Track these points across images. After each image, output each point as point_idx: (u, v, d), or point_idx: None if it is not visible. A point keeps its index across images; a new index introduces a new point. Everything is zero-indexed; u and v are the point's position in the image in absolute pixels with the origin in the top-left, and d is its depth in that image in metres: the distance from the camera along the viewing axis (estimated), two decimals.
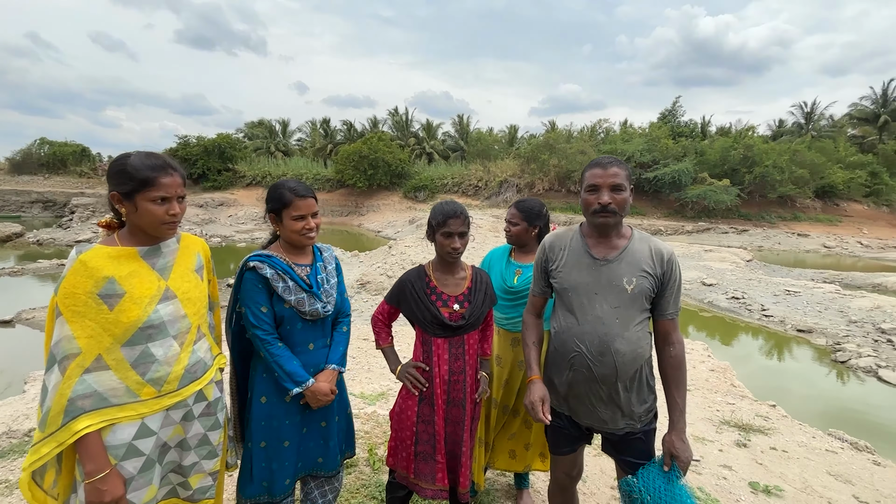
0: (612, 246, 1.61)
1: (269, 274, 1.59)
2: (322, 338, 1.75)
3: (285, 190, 1.64)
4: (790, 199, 25.79)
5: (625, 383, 1.55)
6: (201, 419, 1.44)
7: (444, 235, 1.79)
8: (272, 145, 38.56)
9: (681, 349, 1.59)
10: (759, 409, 4.09)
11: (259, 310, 1.59)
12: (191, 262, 1.44)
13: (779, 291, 11.45)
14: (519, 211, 2.21)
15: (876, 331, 8.58)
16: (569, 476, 1.80)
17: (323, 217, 22.83)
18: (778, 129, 36.49)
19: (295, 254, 1.71)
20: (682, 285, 1.72)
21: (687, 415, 1.58)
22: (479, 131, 34.46)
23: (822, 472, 3.06)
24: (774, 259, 18.47)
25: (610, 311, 1.54)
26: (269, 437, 1.64)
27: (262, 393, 1.64)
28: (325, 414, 1.75)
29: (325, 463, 1.79)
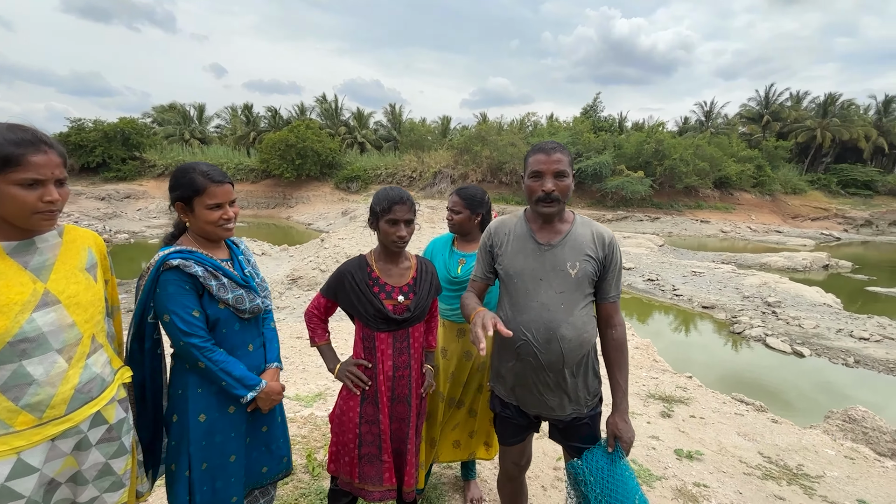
0: (555, 231, 1.60)
1: (199, 272, 1.39)
2: (258, 337, 1.62)
3: (197, 175, 1.42)
4: (694, 190, 28.59)
5: (571, 369, 1.55)
6: (101, 446, 1.21)
7: (389, 223, 1.68)
8: (187, 132, 35.34)
9: (623, 331, 1.62)
10: (678, 381, 4.46)
11: (190, 315, 1.38)
12: (78, 260, 1.20)
13: (687, 273, 12.66)
14: (461, 198, 2.15)
15: (764, 304, 9.81)
16: (517, 465, 1.79)
17: (248, 209, 21.18)
18: (683, 126, 40.24)
19: (209, 248, 1.52)
20: None
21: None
22: (412, 121, 34.18)
23: (732, 433, 3.40)
24: (682, 244, 20.40)
25: (555, 297, 1.53)
26: (210, 456, 1.46)
27: (200, 410, 1.44)
28: (265, 418, 1.62)
29: (269, 472, 1.67)
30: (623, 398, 1.57)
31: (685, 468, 2.84)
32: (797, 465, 3.00)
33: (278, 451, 1.68)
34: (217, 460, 1.47)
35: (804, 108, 37.64)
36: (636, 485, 1.53)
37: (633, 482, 1.53)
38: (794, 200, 31.06)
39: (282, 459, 1.70)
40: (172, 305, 1.36)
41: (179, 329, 1.36)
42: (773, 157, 32.08)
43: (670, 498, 2.50)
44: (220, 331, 1.47)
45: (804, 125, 35.52)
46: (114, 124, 27.43)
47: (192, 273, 1.38)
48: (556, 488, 2.52)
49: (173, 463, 1.46)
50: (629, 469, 1.55)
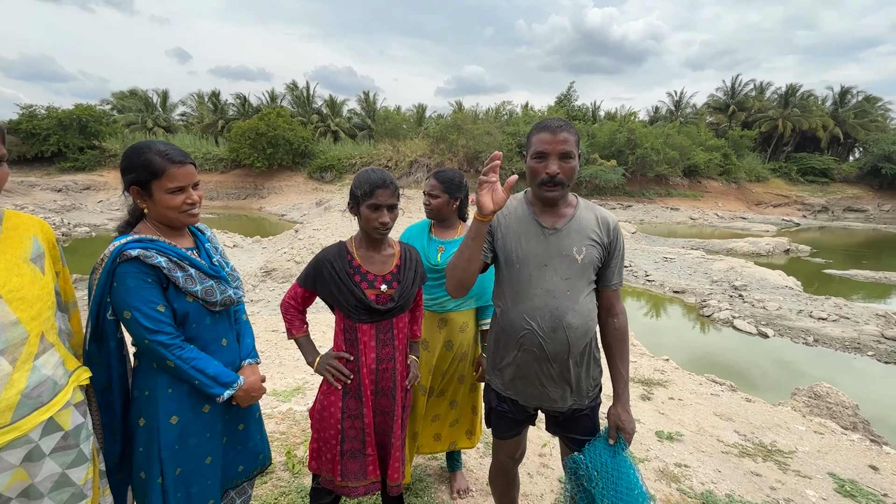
0: (559, 214, 1.51)
1: (162, 262, 1.25)
2: (231, 331, 1.51)
3: (154, 155, 1.27)
4: (664, 178, 29.33)
5: (576, 359, 1.48)
6: (55, 455, 1.09)
7: (370, 208, 1.57)
8: (150, 119, 33.70)
9: (624, 320, 1.57)
10: (656, 364, 4.56)
11: (155, 310, 1.25)
12: (21, 250, 1.08)
13: (658, 259, 13.00)
14: (439, 182, 2.05)
15: (731, 288, 10.18)
16: (512, 459, 1.74)
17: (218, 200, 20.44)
18: (654, 115, 41.10)
19: (172, 236, 1.38)
20: None
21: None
22: (386, 109, 33.59)
23: (710, 413, 3.49)
24: (653, 231, 20.93)
25: (560, 283, 1.45)
26: (185, 460, 1.35)
27: (171, 412, 1.32)
28: (242, 416, 1.53)
29: (245, 470, 1.59)
30: (625, 388, 1.53)
31: (666, 449, 2.89)
32: (771, 441, 3.11)
33: (255, 449, 1.60)
34: (192, 464, 1.37)
35: (767, 98, 38.98)
36: (637, 477, 1.48)
37: (635, 474, 1.47)
38: (758, 188, 32.30)
39: (258, 456, 1.62)
40: (133, 301, 1.22)
41: (143, 326, 1.23)
42: (738, 146, 33.20)
43: (653, 479, 2.54)
44: (191, 326, 1.35)
45: (767, 115, 36.82)
46: (69, 111, 25.82)
47: (154, 264, 1.24)
48: (542, 475, 2.52)
49: (143, 470, 1.33)
50: (630, 463, 1.49)
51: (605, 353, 1.58)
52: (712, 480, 2.57)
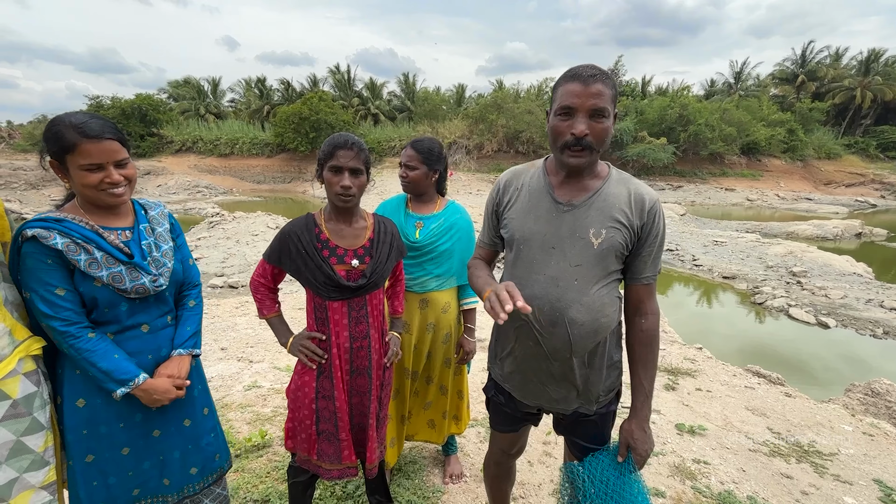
0: (581, 187, 1.26)
1: (60, 244, 1.15)
2: (160, 317, 1.37)
3: (67, 128, 1.15)
4: (719, 156, 27.31)
5: (582, 359, 1.27)
6: (6, 423, 1.10)
7: (332, 171, 1.47)
8: (202, 107, 35.29)
9: (654, 322, 1.30)
10: (687, 353, 4.26)
11: (52, 294, 1.16)
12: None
13: (708, 242, 12.20)
14: (417, 152, 1.91)
15: (788, 274, 9.38)
16: (506, 454, 1.62)
17: (265, 184, 21.24)
18: (710, 89, 38.16)
19: (103, 215, 1.28)
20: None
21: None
22: (425, 90, 33.35)
23: (741, 407, 3.21)
24: (705, 213, 19.65)
25: (568, 271, 1.23)
26: (96, 448, 1.27)
27: (77, 394, 1.24)
28: (184, 410, 1.41)
29: (200, 472, 1.46)
30: (645, 403, 1.29)
31: (685, 444, 2.69)
32: (809, 441, 2.81)
33: (208, 448, 1.48)
34: (106, 453, 1.29)
35: (844, 66, 35.09)
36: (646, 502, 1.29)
37: (643, 500, 1.29)
38: (828, 166, 29.39)
39: (214, 457, 1.50)
40: (31, 282, 1.16)
41: (40, 310, 1.17)
42: (806, 120, 30.24)
43: (666, 475, 2.36)
44: (103, 311, 1.25)
45: (843, 85, 33.20)
46: (131, 101, 27.60)
47: (51, 245, 1.15)
48: (543, 464, 2.41)
49: (63, 449, 1.30)
50: (640, 486, 1.30)
51: (628, 359, 1.34)
52: (734, 480, 2.36)
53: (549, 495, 2.19)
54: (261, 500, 2.00)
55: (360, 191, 1.52)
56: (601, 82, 1.13)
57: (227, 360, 3.70)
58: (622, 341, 1.37)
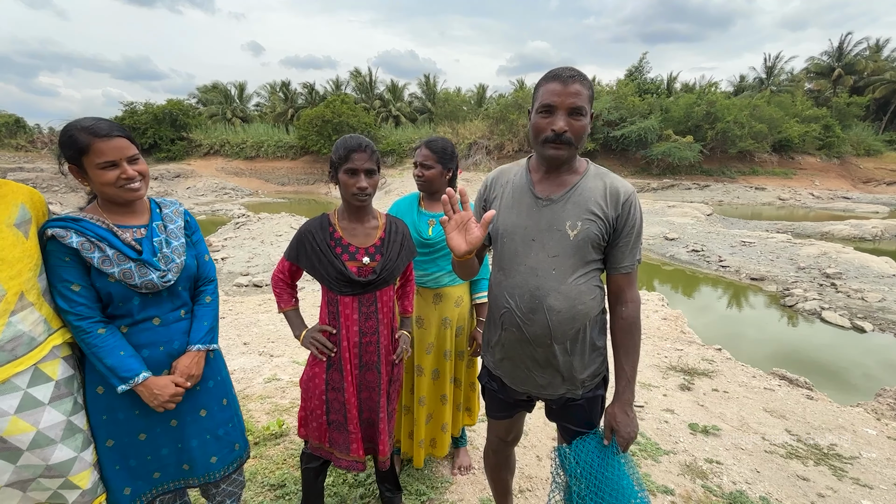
0: (559, 183, 1.34)
1: (75, 243, 1.24)
2: (172, 311, 1.43)
3: (78, 131, 1.25)
4: (749, 154, 26.42)
5: (563, 345, 1.33)
6: (56, 404, 1.20)
7: (347, 173, 1.56)
8: (229, 111, 36.43)
9: (634, 310, 1.36)
10: (705, 354, 4.19)
11: (68, 289, 1.26)
12: (6, 216, 1.16)
13: (735, 243, 11.84)
14: (433, 151, 1.96)
15: (822, 276, 9.02)
16: (503, 441, 1.68)
17: (289, 186, 21.68)
18: (739, 85, 36.99)
19: (121, 214, 1.36)
20: (646, 240, 1.46)
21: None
22: (446, 91, 33.45)
23: (758, 409, 3.15)
24: (733, 212, 19.07)
25: (546, 261, 1.31)
26: (116, 433, 1.36)
27: (97, 382, 1.33)
28: (200, 400, 1.47)
29: (219, 462, 1.52)
30: (627, 387, 1.35)
31: (698, 443, 2.66)
32: (829, 444, 2.74)
33: (227, 437, 1.54)
34: (124, 438, 1.37)
35: (885, 58, 33.40)
36: (633, 487, 1.33)
37: (629, 483, 1.33)
38: (867, 163, 28.03)
39: (233, 446, 1.56)
40: (52, 278, 1.26)
41: (58, 304, 1.26)
42: (844, 116, 28.95)
43: (676, 473, 2.35)
44: (117, 305, 1.33)
45: (883, 78, 31.61)
46: (162, 106, 28.73)
47: (68, 244, 1.24)
48: (552, 459, 2.43)
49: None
50: (624, 468, 1.35)
51: (612, 346, 1.41)
52: (747, 481, 2.33)
53: None
54: (277, 484, 2.10)
55: (374, 190, 1.61)
56: (579, 83, 1.23)
57: (248, 354, 3.85)
58: (606, 328, 1.43)
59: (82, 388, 1.32)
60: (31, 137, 29.01)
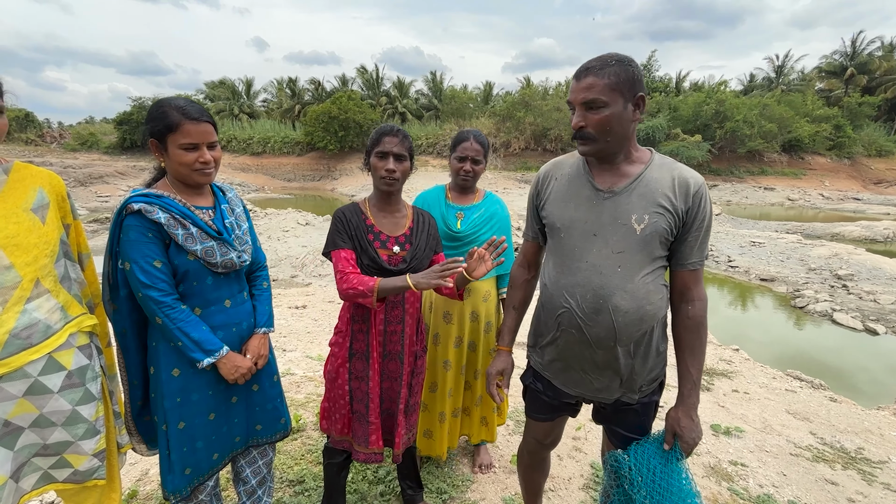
0: (621, 174, 1.26)
1: (162, 218, 1.26)
2: (239, 292, 1.49)
3: (171, 109, 1.28)
4: (758, 154, 26.21)
5: (628, 348, 1.25)
6: (64, 393, 1.17)
7: (378, 157, 1.55)
8: (236, 107, 36.48)
9: (701, 308, 1.27)
10: (722, 354, 4.13)
11: (151, 265, 1.26)
12: (22, 200, 1.13)
13: (744, 243, 11.73)
14: (482, 145, 1.93)
15: (833, 277, 8.91)
16: (541, 444, 1.61)
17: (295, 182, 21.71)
18: (749, 84, 36.69)
19: (190, 194, 1.39)
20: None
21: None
22: (452, 89, 33.37)
23: (781, 411, 3.09)
24: (741, 213, 18.91)
25: (611, 258, 1.22)
26: (188, 414, 1.38)
27: (173, 365, 1.35)
28: (255, 376, 1.53)
29: (263, 430, 1.59)
30: (693, 390, 1.27)
31: (721, 445, 2.61)
32: (856, 448, 2.68)
33: (275, 412, 1.61)
34: (196, 419, 1.39)
35: None
36: (693, 493, 1.28)
37: (690, 490, 1.27)
38: (879, 164, 27.73)
39: (279, 420, 1.63)
40: (132, 253, 1.26)
41: (139, 279, 1.26)
42: (855, 116, 28.64)
43: (700, 475, 2.30)
44: (191, 284, 1.35)
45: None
46: None
47: (154, 219, 1.26)
48: (573, 458, 2.39)
49: (155, 414, 1.42)
50: (687, 474, 1.29)
51: (675, 346, 1.32)
52: (773, 484, 2.28)
53: (579, 489, 2.17)
54: (296, 480, 2.06)
55: (403, 176, 1.58)
56: (593, 75, 1.17)
57: None
58: (668, 331, 1.35)
59: (102, 376, 1.30)
60: (41, 132, 29.17)
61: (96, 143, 28.03)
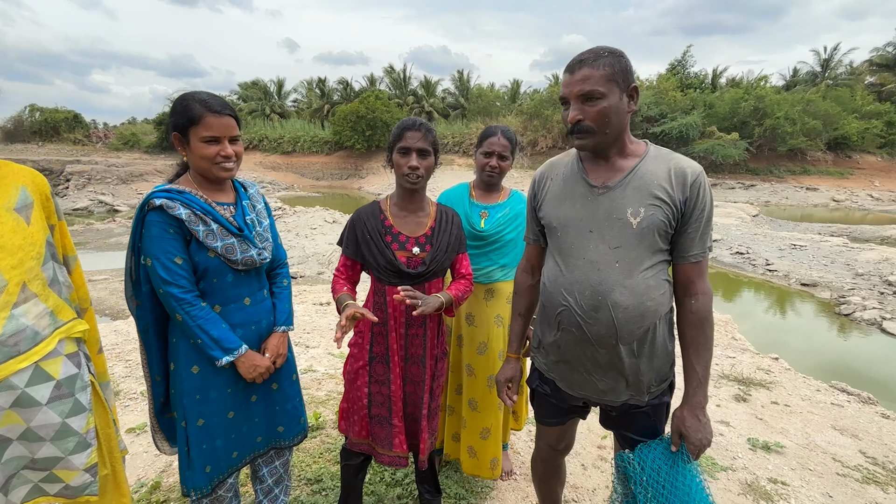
0: (615, 168, 1.24)
1: (183, 214, 1.25)
2: (259, 290, 1.47)
3: (194, 102, 1.27)
4: (800, 152, 24.95)
5: (630, 346, 1.22)
6: (54, 405, 1.09)
7: (400, 152, 1.50)
8: (267, 107, 37.39)
9: (705, 303, 1.23)
10: (760, 363, 3.90)
11: (172, 261, 1.26)
12: (5, 199, 1.06)
13: (784, 246, 11.16)
14: (510, 141, 1.86)
15: (882, 283, 8.35)
16: (554, 449, 1.55)
17: (324, 181, 22.25)
18: (791, 79, 34.86)
19: (211, 189, 1.37)
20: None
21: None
22: (479, 87, 33.19)
23: (826, 426, 2.88)
24: (781, 214, 18.03)
25: (608, 254, 1.20)
26: (208, 412, 1.37)
27: (193, 362, 1.34)
28: (273, 376, 1.51)
29: (286, 432, 1.57)
30: (699, 389, 1.21)
31: (759, 461, 2.45)
32: None
33: (294, 412, 1.59)
34: (215, 417, 1.38)
35: None
36: (705, 496, 1.21)
37: (702, 494, 1.20)
38: None
39: (299, 420, 1.61)
40: (154, 249, 1.25)
41: (160, 276, 1.26)
42: None
43: (736, 492, 2.16)
44: (211, 281, 1.34)
45: None
46: None
47: (175, 215, 1.25)
48: (597, 468, 2.29)
49: (175, 411, 1.41)
50: (697, 477, 1.22)
51: (680, 343, 1.28)
52: None
53: (604, 501, 2.07)
54: (314, 479, 2.05)
55: (427, 172, 1.53)
56: (588, 66, 1.15)
57: None
58: (675, 328, 1.30)
59: (90, 386, 1.21)
60: (88, 132, 30.72)
61: (137, 143, 29.31)
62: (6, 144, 28.57)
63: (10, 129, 29.36)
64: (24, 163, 1.37)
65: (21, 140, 28.99)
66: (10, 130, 29.35)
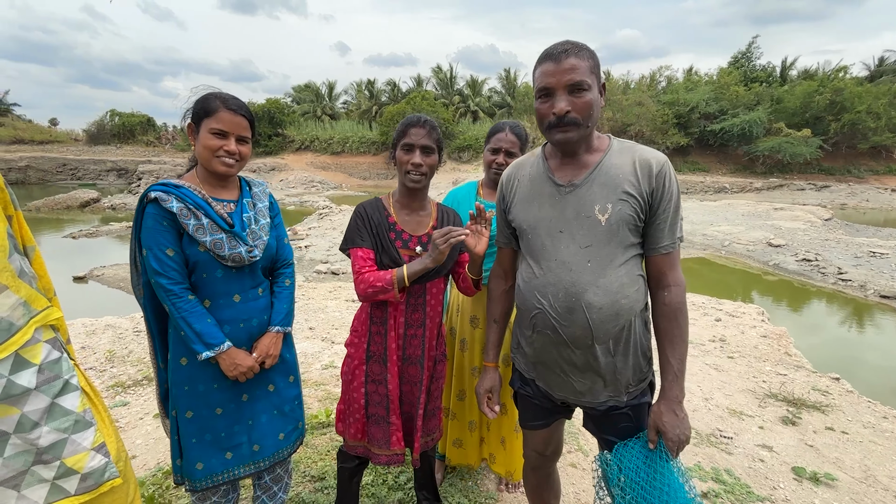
0: (580, 165, 1.23)
1: (175, 208, 1.29)
2: (252, 288, 1.46)
3: (214, 97, 1.35)
4: (885, 150, 22.54)
5: (606, 346, 1.20)
6: (44, 389, 1.09)
7: (404, 149, 1.48)
8: (319, 109, 38.83)
9: (678, 294, 1.21)
10: (817, 383, 3.51)
11: (163, 253, 1.30)
12: None
13: (861, 253, 10.08)
14: (518, 137, 1.80)
15: None
16: (541, 455, 1.49)
17: (370, 181, 22.76)
18: (876, 69, 31.48)
19: (215, 186, 1.42)
20: (745, 246, 1.25)
21: (726, 385, 1.20)
22: (526, 85, 32.64)
23: (891, 459, 2.53)
24: (860, 218, 16.33)
25: (579, 253, 1.19)
26: (195, 405, 1.38)
27: (182, 353, 1.37)
28: (269, 376, 1.50)
29: (287, 438, 1.55)
30: (675, 382, 1.19)
31: (805, 493, 2.19)
32: None
33: (292, 414, 1.57)
34: (203, 411, 1.39)
35: None
36: (687, 498, 1.16)
37: (682, 493, 1.17)
38: None
39: (297, 424, 1.59)
40: (148, 240, 1.30)
41: (152, 266, 1.30)
42: None
43: None
44: (201, 275, 1.36)
45: None
46: (261, 105, 31.43)
47: (168, 209, 1.29)
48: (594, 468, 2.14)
49: (168, 400, 1.45)
50: (675, 475, 1.18)
51: (655, 337, 1.26)
52: None
53: None
54: (317, 476, 2.06)
55: (430, 171, 1.51)
56: (574, 56, 1.14)
57: (312, 339, 3.96)
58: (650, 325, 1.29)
59: (77, 370, 1.19)
60: (158, 134, 33.36)
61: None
62: (90, 146, 31.60)
63: (93, 132, 32.45)
64: (104, 163, 1.41)
65: (103, 142, 31.95)
66: (93, 133, 32.44)
